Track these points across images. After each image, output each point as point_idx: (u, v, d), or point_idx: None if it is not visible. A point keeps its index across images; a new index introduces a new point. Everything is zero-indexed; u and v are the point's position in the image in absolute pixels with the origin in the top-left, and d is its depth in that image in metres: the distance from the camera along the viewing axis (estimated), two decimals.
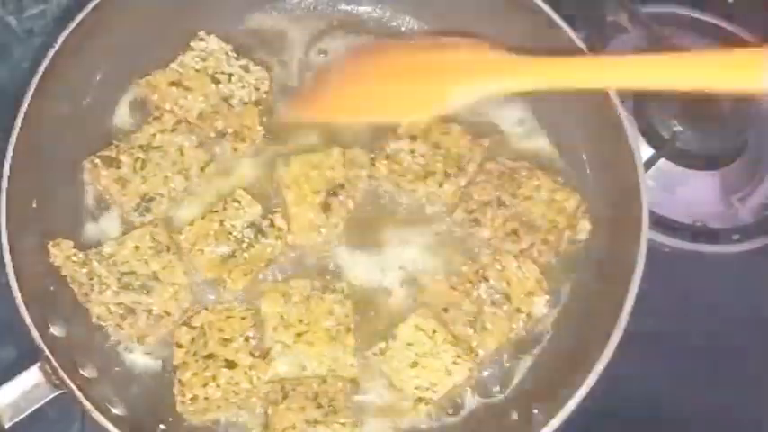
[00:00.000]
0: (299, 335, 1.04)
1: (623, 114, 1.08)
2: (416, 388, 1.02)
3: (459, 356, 1.03)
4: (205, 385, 0.99)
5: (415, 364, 1.03)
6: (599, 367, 0.95)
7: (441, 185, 1.13)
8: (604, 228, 1.10)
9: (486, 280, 1.08)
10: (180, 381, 1.00)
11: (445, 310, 1.07)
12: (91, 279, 1.03)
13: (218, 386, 1.00)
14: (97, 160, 1.10)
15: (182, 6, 1.20)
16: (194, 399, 0.99)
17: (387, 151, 1.15)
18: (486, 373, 1.07)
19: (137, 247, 1.06)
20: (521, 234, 1.10)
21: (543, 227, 1.10)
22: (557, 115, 1.19)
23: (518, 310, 1.07)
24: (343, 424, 0.99)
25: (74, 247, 1.05)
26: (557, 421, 0.93)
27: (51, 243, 1.04)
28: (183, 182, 1.11)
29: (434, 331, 1.05)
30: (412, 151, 1.14)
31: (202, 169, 1.12)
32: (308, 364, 1.03)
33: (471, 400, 1.06)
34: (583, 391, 0.94)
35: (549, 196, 1.12)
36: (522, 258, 1.09)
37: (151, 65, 1.17)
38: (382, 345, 1.05)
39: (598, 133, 1.13)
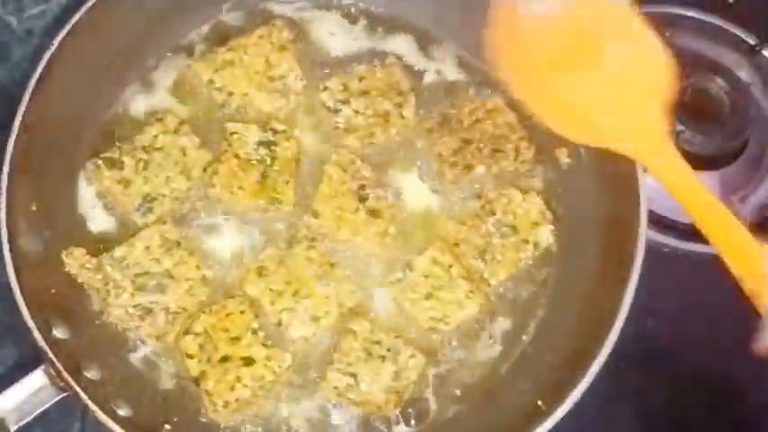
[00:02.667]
0: (294, 294, 1.06)
1: None
2: (430, 318, 1.08)
3: (471, 291, 1.09)
4: (232, 389, 1.01)
5: (429, 296, 1.08)
6: (600, 360, 0.96)
7: (402, 117, 1.18)
8: (603, 227, 1.11)
9: (494, 213, 1.14)
10: (206, 392, 1.01)
11: (456, 245, 1.12)
12: (106, 284, 1.05)
13: (245, 386, 1.01)
14: (100, 161, 1.11)
15: (177, 5, 1.20)
16: (226, 404, 1.00)
17: (341, 126, 1.18)
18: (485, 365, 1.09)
19: (147, 248, 1.07)
20: (502, 147, 1.18)
21: (506, 133, 1.18)
22: None
23: (525, 241, 1.13)
24: None
25: (86, 254, 1.05)
26: (560, 413, 0.94)
27: (64, 252, 1.05)
28: (185, 182, 1.11)
29: (450, 266, 1.10)
30: (356, 112, 1.18)
31: (205, 170, 1.13)
32: (318, 313, 1.06)
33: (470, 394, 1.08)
34: (584, 386, 0.95)
35: (485, 112, 1.20)
36: (525, 191, 1.15)
37: (147, 64, 1.19)
38: (399, 275, 1.10)
39: None
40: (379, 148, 1.18)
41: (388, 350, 1.05)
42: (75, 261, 1.05)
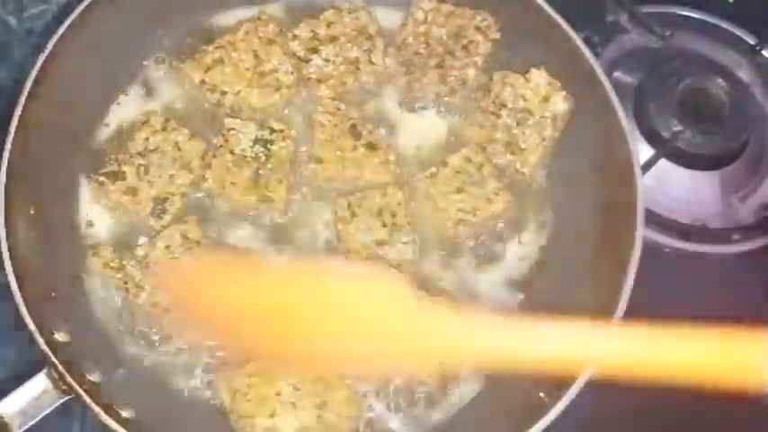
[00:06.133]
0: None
1: (622, 113, 1.09)
2: (459, 210, 1.13)
3: (500, 190, 1.14)
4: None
5: (460, 190, 1.13)
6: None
7: (371, 63, 1.20)
8: (599, 224, 1.11)
9: (505, 105, 1.17)
10: None
11: (483, 148, 1.16)
12: (126, 284, 1.05)
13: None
14: (102, 178, 1.10)
15: (174, 7, 1.20)
16: None
17: (313, 77, 1.20)
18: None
19: (167, 247, 1.07)
20: (469, 36, 1.20)
21: (460, 24, 1.21)
22: None
23: (543, 118, 1.16)
24: (405, 243, 1.09)
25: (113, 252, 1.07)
26: (562, 405, 0.94)
27: (91, 251, 1.06)
28: (188, 175, 1.12)
29: (482, 165, 1.15)
30: (326, 60, 1.20)
31: (203, 158, 1.13)
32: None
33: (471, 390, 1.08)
34: (584, 378, 0.95)
35: (424, 25, 1.22)
36: (527, 71, 1.17)
37: (143, 64, 1.19)
38: (433, 170, 1.15)
39: (595, 130, 1.13)
40: (353, 93, 1.21)
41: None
42: (100, 260, 1.06)
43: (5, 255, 0.95)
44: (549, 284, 1.13)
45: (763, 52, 1.44)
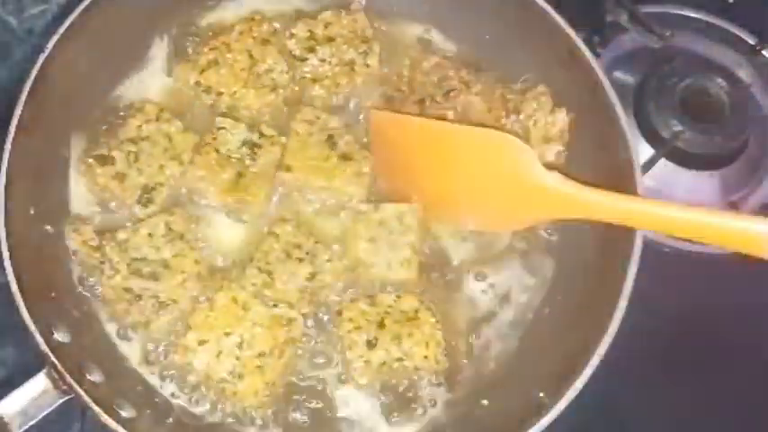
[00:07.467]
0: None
1: (621, 113, 1.09)
2: None
3: None
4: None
5: None
6: (599, 354, 0.96)
7: (367, 65, 1.20)
8: (599, 224, 1.10)
9: (518, 113, 1.16)
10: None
11: None
12: (102, 263, 1.05)
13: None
14: (90, 160, 1.10)
15: (174, 5, 1.21)
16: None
17: (308, 76, 1.20)
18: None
19: (150, 234, 1.07)
20: (451, 86, 1.19)
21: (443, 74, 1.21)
22: None
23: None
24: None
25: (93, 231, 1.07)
26: (562, 405, 0.94)
27: (70, 227, 1.06)
28: (178, 167, 1.11)
29: None
30: (322, 60, 1.20)
31: (194, 150, 1.12)
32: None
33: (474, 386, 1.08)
34: (584, 379, 0.95)
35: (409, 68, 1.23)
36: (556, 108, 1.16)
37: (141, 63, 1.19)
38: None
39: (595, 130, 1.13)
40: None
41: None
42: (80, 237, 1.06)
43: (5, 255, 0.95)
44: (549, 283, 1.13)
45: (764, 52, 1.44)
